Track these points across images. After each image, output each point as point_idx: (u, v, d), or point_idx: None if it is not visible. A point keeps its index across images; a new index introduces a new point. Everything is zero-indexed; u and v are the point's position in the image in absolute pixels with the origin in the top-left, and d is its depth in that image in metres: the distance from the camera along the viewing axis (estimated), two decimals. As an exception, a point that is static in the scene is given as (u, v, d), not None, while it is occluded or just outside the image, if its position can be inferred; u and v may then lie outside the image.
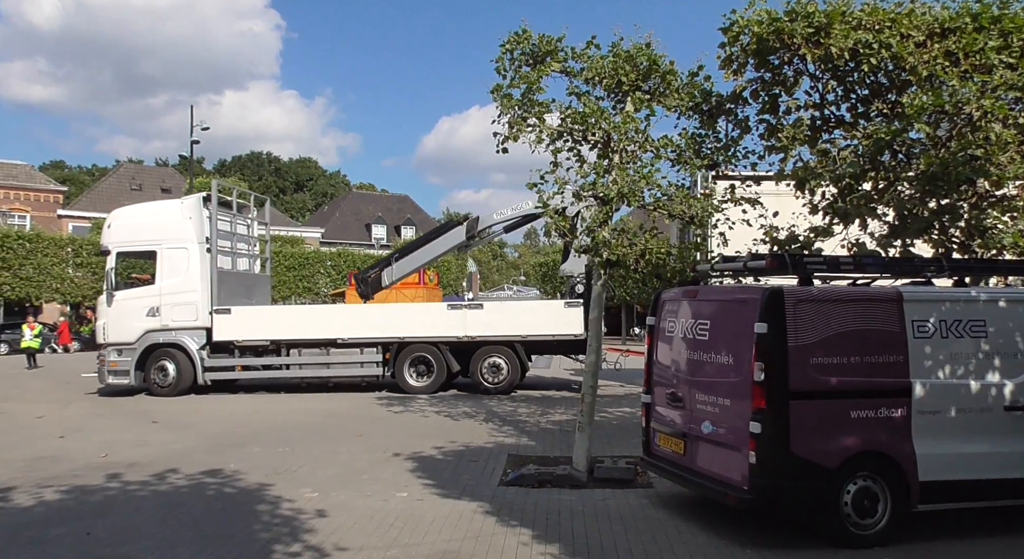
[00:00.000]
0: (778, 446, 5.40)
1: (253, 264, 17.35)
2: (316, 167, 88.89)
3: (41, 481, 7.67)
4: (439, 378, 14.78)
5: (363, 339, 14.83)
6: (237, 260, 16.30)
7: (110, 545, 5.66)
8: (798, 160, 7.64)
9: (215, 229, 14.89)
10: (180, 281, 14.79)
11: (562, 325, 14.51)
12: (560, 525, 6.16)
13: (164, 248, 14.89)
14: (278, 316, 15.57)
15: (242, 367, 15.09)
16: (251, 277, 16.91)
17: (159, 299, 14.80)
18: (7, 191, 38.73)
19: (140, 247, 15.09)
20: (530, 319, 14.83)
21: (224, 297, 14.99)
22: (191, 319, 14.75)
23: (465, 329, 14.71)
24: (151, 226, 15.19)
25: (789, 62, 7.26)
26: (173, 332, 14.78)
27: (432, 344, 14.77)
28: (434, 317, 14.91)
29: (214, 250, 14.84)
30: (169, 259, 14.87)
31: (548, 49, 8.00)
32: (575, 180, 7.86)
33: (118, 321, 14.78)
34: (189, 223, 14.99)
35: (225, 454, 9.02)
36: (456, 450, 9.21)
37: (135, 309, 14.76)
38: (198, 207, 15.14)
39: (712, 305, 6.36)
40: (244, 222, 17.02)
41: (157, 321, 14.75)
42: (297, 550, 5.52)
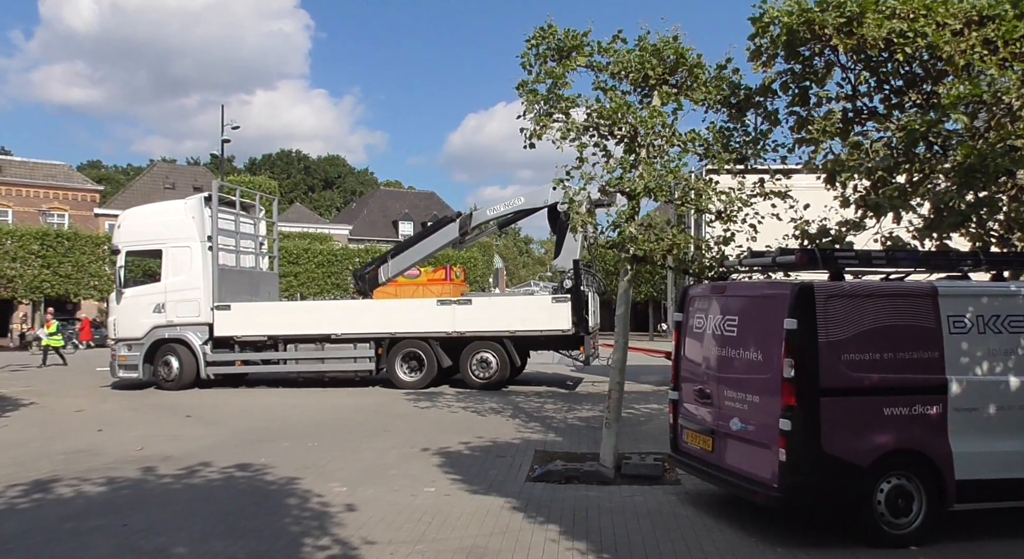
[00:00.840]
0: (809, 444, 5.32)
1: (260, 261, 17.68)
2: (344, 165, 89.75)
3: (80, 473, 7.88)
4: (429, 373, 14.89)
5: (356, 334, 15.05)
6: (241, 257, 16.65)
7: (146, 537, 5.79)
8: (829, 153, 7.49)
9: (216, 228, 15.27)
10: (184, 279, 15.28)
11: (550, 320, 14.36)
12: (588, 521, 6.14)
13: (169, 247, 15.42)
14: (275, 312, 15.86)
15: (242, 362, 15.47)
16: (256, 274, 17.22)
17: (164, 296, 15.33)
18: (47, 191, 39.75)
19: (147, 246, 15.63)
20: (518, 314, 14.73)
21: (227, 294, 15.37)
22: (194, 315, 15.22)
23: (454, 325, 14.75)
24: (157, 226, 15.73)
25: (820, 53, 7.11)
26: (178, 328, 15.26)
27: (423, 339, 14.89)
28: (424, 313, 14.97)
29: (215, 248, 15.24)
30: (174, 257, 15.38)
31: (574, 44, 7.95)
32: (601, 175, 7.82)
33: (127, 317, 15.43)
34: (192, 222, 15.43)
35: (255, 448, 9.16)
36: (483, 446, 9.24)
37: (142, 306, 15.33)
38: (200, 207, 15.56)
39: (741, 301, 6.28)
40: (250, 220, 17.36)
41: (163, 317, 15.28)
42: (326, 543, 5.58)
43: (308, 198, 79.25)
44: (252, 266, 17.27)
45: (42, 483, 7.51)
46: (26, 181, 39.28)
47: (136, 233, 15.81)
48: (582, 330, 14.16)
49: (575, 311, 14.12)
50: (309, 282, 33.41)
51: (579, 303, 14.14)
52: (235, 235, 16.42)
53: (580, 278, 14.35)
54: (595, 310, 15.43)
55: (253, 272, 17.13)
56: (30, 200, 38.92)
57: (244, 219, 17.01)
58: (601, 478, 7.46)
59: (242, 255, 16.71)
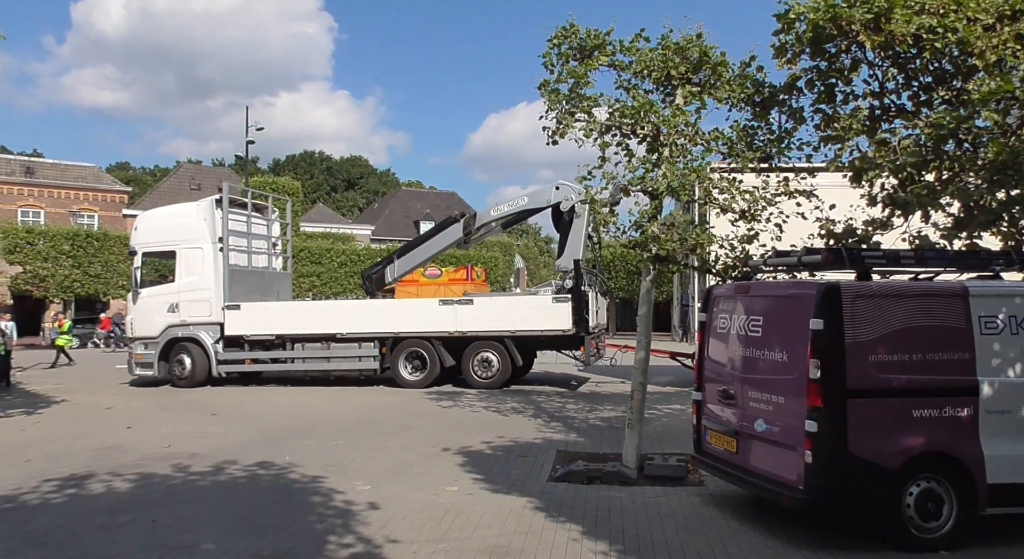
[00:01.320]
0: (835, 446, 5.25)
1: (273, 262, 17.92)
2: (366, 165, 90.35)
3: (110, 469, 8.03)
4: (432, 372, 14.97)
5: (360, 334, 15.22)
6: (253, 258, 16.90)
7: (174, 533, 5.88)
8: (855, 150, 7.38)
9: (226, 229, 15.57)
10: (196, 279, 15.64)
11: (550, 320, 14.36)
12: (610, 522, 6.13)
13: (182, 248, 15.80)
14: (283, 312, 16.08)
15: (251, 360, 15.78)
16: (269, 274, 17.46)
17: (178, 296, 15.71)
18: (77, 192, 40.53)
19: (162, 247, 16.01)
20: (519, 314, 14.74)
21: (237, 294, 15.65)
22: (206, 315, 15.57)
23: (456, 324, 14.82)
24: (171, 228, 16.15)
25: (847, 50, 7.01)
26: (191, 327, 15.62)
27: (425, 339, 15.00)
28: (427, 313, 15.07)
29: (226, 249, 15.55)
30: (186, 258, 15.76)
31: (596, 43, 7.93)
32: (623, 174, 7.79)
33: (143, 317, 15.93)
34: (204, 224, 15.79)
35: (280, 446, 9.26)
36: (504, 445, 9.26)
37: (157, 305, 15.77)
38: (211, 209, 15.89)
39: (765, 301, 6.22)
40: (263, 221, 17.63)
41: (176, 317, 15.68)
42: (350, 542, 5.63)
43: (331, 198, 79.92)
44: (265, 266, 17.53)
45: (74, 478, 7.67)
46: (57, 183, 40.10)
47: (152, 235, 16.24)
48: (582, 330, 14.16)
49: (575, 311, 14.14)
50: (332, 282, 33.69)
51: (579, 303, 14.17)
52: (247, 236, 16.71)
53: (581, 278, 14.39)
54: (597, 310, 15.42)
55: (265, 272, 17.40)
56: (61, 201, 39.73)
57: (257, 220, 17.29)
58: (623, 479, 7.44)
59: (254, 255, 17.00)
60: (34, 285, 29.82)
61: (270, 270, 17.65)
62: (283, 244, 18.48)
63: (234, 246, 16.06)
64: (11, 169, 39.04)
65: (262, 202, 17.87)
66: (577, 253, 14.73)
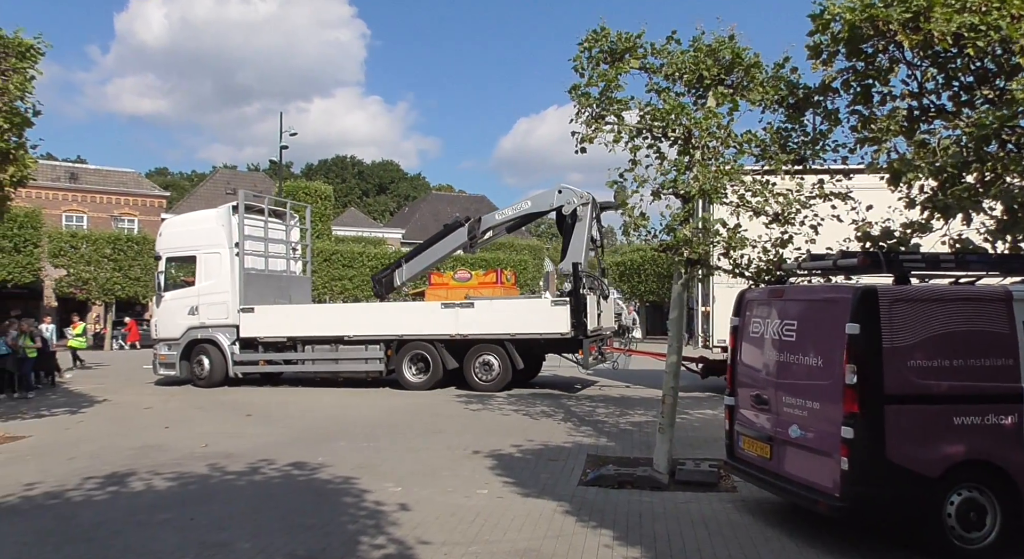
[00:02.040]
0: (873, 452, 5.15)
1: (292, 266, 18.32)
2: (397, 170, 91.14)
3: (150, 468, 8.24)
4: (435, 375, 15.12)
5: (367, 336, 15.50)
6: (271, 262, 17.32)
7: (211, 531, 6.00)
8: (893, 152, 7.23)
9: (242, 234, 16.04)
10: (214, 283, 16.15)
11: (548, 323, 14.40)
12: (642, 527, 6.09)
13: (202, 253, 16.37)
14: (293, 314, 16.36)
15: (265, 361, 16.17)
16: (286, 278, 17.82)
17: (197, 299, 16.26)
18: (117, 197, 41.62)
19: (184, 252, 16.64)
20: (518, 318, 14.80)
21: (253, 297, 16.08)
22: (223, 317, 16.07)
23: (457, 327, 14.95)
24: (192, 233, 16.78)
25: (884, 50, 6.87)
26: (209, 329, 16.15)
27: (429, 341, 15.17)
28: (430, 316, 15.28)
29: (241, 253, 16.01)
30: (206, 263, 16.31)
31: (627, 46, 7.90)
32: (654, 178, 7.74)
33: (166, 319, 16.61)
34: (222, 230, 16.27)
35: (313, 447, 9.39)
36: (534, 449, 9.25)
37: (179, 308, 16.38)
38: (228, 215, 16.39)
39: (799, 305, 6.13)
40: (281, 226, 18.02)
41: (196, 319, 16.23)
42: (381, 543, 5.68)
43: (362, 202, 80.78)
44: (283, 270, 17.90)
45: (115, 476, 7.88)
46: (99, 188, 41.21)
47: (174, 241, 16.90)
48: (580, 333, 14.20)
49: (573, 315, 14.17)
50: (363, 285, 33.99)
51: (578, 307, 14.19)
52: (264, 241, 17.08)
53: (579, 282, 14.40)
54: (600, 314, 15.39)
55: (283, 276, 17.76)
56: (103, 206, 40.83)
57: (275, 225, 17.73)
58: (655, 484, 7.38)
59: (272, 259, 17.44)
60: (77, 288, 30.65)
61: (288, 274, 18.04)
62: (303, 249, 18.90)
63: (251, 251, 16.50)
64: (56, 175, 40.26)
65: (280, 208, 18.30)
66: (578, 256, 14.84)
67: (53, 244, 30.37)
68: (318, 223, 36.59)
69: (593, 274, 15.38)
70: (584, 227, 15.03)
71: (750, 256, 7.69)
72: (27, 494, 7.19)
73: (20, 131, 9.94)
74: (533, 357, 15.70)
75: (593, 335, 14.66)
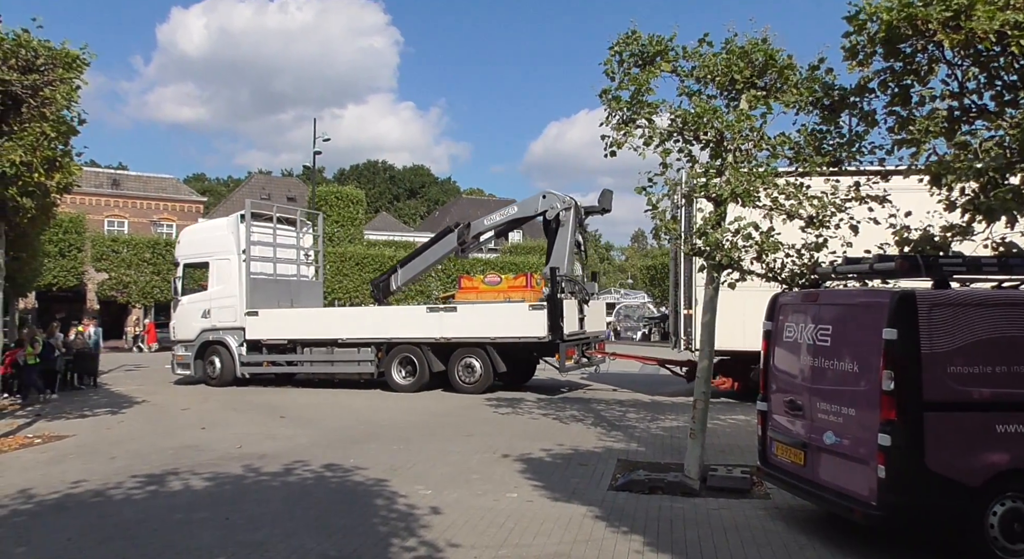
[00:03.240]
0: (911, 460, 5.04)
1: (302, 271, 18.96)
2: (428, 174, 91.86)
3: (188, 468, 8.42)
4: (422, 377, 15.53)
5: (359, 339, 16.04)
6: (279, 267, 17.96)
7: (246, 531, 6.12)
8: (932, 154, 7.06)
9: (249, 241, 16.75)
10: (224, 287, 16.99)
11: (526, 327, 14.62)
12: (673, 533, 6.03)
13: (214, 259, 17.29)
14: (293, 318, 16.89)
15: (269, 362, 16.87)
16: (295, 283, 18.44)
17: (210, 303, 17.15)
18: (157, 202, 42.70)
19: (198, 259, 17.64)
20: (498, 321, 15.06)
21: (259, 301, 16.78)
22: (232, 320, 16.85)
23: (441, 331, 15.36)
24: (206, 241, 17.78)
25: (923, 49, 6.71)
26: (220, 331, 16.97)
27: (415, 345, 15.60)
28: (416, 319, 15.79)
29: (248, 259, 16.74)
30: (217, 268, 17.21)
31: (658, 49, 7.86)
32: (686, 181, 7.68)
33: (182, 321, 17.57)
34: (231, 237, 17.10)
35: (345, 449, 9.50)
36: (564, 453, 9.23)
37: (194, 311, 17.32)
38: (237, 223, 17.20)
39: (835, 309, 6.03)
40: (291, 233, 18.68)
41: (209, 322, 17.09)
42: (412, 545, 5.73)
43: (393, 207, 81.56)
44: (292, 275, 18.51)
45: (155, 475, 8.07)
46: (140, 194, 42.32)
47: (191, 247, 17.96)
48: (557, 337, 14.38)
49: (550, 319, 14.38)
50: (394, 288, 34.35)
51: (555, 311, 14.39)
52: (272, 246, 17.76)
53: (556, 287, 14.61)
54: (583, 318, 15.53)
55: (291, 281, 18.36)
56: (143, 211, 41.91)
57: (284, 232, 18.40)
58: (686, 489, 7.32)
59: (281, 265, 18.07)
60: (118, 291, 31.51)
61: (297, 279, 18.67)
62: (315, 254, 19.58)
63: (259, 256, 17.25)
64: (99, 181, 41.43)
65: (290, 216, 19.01)
66: (560, 261, 15.12)
67: (96, 248, 31.29)
68: (350, 227, 37.13)
69: (574, 278, 15.58)
70: (567, 232, 15.38)
71: (783, 260, 7.58)
72: (72, 492, 7.41)
73: (66, 139, 10.27)
74: (523, 361, 15.99)
75: (571, 339, 14.82)
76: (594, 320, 16.39)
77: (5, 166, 9.29)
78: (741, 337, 12.60)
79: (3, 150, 9.34)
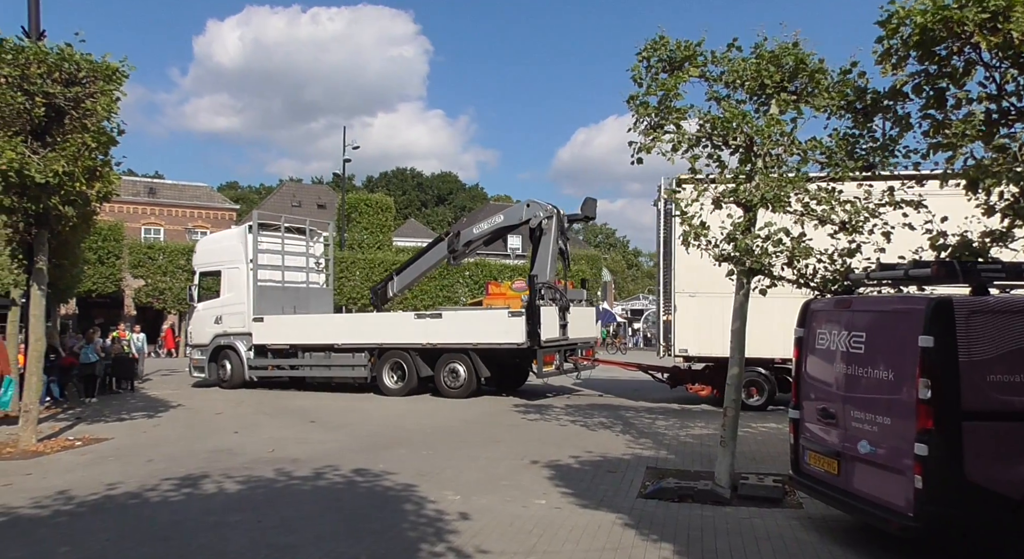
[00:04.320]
0: (950, 471, 4.93)
1: (312, 278, 19.72)
2: (456, 181, 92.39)
3: (222, 471, 8.57)
4: (410, 382, 16.00)
5: (353, 344, 16.64)
6: (288, 275, 18.73)
7: (278, 534, 6.20)
8: (969, 158, 6.92)
9: (256, 251, 17.64)
10: (234, 295, 17.85)
11: (505, 334, 14.95)
12: (703, 542, 5.97)
13: (225, 268, 18.15)
14: (295, 324, 17.55)
15: (273, 366, 17.63)
16: (304, 290, 19.21)
17: (221, 309, 18.01)
18: (191, 210, 43.67)
19: (212, 267, 18.52)
20: (479, 328, 15.48)
21: (266, 308, 17.59)
22: (241, 326, 17.70)
23: (428, 337, 15.85)
24: (219, 251, 18.67)
25: (959, 52, 6.58)
26: (230, 336, 17.86)
27: (405, 350, 16.13)
28: (405, 326, 16.43)
29: (255, 268, 17.59)
30: (228, 277, 18.07)
31: (686, 54, 7.83)
32: (714, 187, 7.62)
33: (198, 327, 18.52)
34: (241, 247, 17.88)
35: (375, 454, 9.58)
36: (593, 460, 9.20)
37: (208, 317, 18.24)
38: (245, 233, 18.06)
39: (868, 316, 5.93)
40: (300, 243, 19.41)
41: (220, 327, 17.98)
42: (441, 550, 5.75)
43: (421, 214, 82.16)
44: (301, 282, 19.20)
45: (189, 478, 8.23)
46: (175, 202, 43.31)
47: (205, 257, 18.93)
48: (535, 344, 14.67)
49: (528, 325, 14.64)
50: (422, 295, 34.54)
51: (533, 318, 14.64)
52: (280, 255, 18.47)
53: (535, 294, 14.86)
54: (564, 325, 15.71)
55: (300, 288, 19.09)
56: (178, 219, 42.87)
57: (293, 241, 19.14)
58: (716, 498, 7.24)
59: (290, 272, 18.80)
60: (154, 297, 32.19)
61: (307, 286, 19.37)
62: (325, 263, 20.28)
63: (267, 265, 18.04)
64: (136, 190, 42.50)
65: (300, 226, 19.77)
66: (543, 269, 15.47)
67: (133, 256, 32.02)
68: (379, 234, 37.48)
69: (554, 286, 15.81)
70: (549, 240, 15.74)
71: (815, 266, 7.48)
72: (110, 493, 7.60)
73: (106, 150, 10.55)
74: (512, 366, 16.27)
75: (549, 345, 15.05)
76: (581, 326, 16.75)
77: (49, 176, 9.59)
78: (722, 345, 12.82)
79: (47, 161, 9.64)
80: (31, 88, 9.56)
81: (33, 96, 9.59)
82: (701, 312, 13.97)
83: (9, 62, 9.51)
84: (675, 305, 14.46)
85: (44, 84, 9.64)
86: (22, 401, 11.12)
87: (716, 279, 13.91)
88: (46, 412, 13.53)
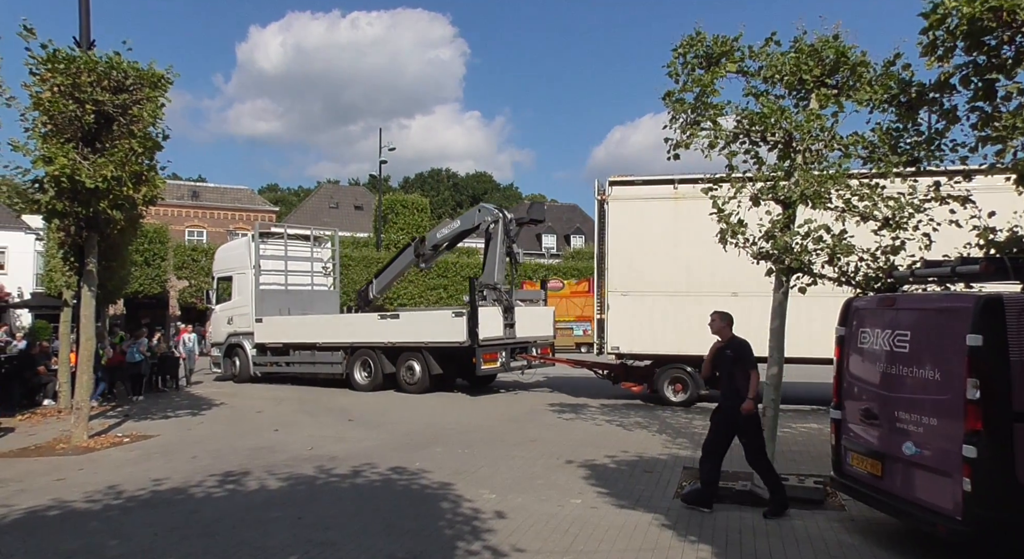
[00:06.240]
0: (1000, 474, 4.77)
1: (318, 281, 20.90)
2: (491, 181, 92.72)
3: (263, 468, 8.76)
4: (376, 378, 17.04)
5: (331, 343, 17.82)
6: (291, 279, 19.98)
7: (317, 530, 6.32)
8: (1020, 151, 6.69)
9: (258, 257, 19.07)
10: (242, 298, 19.42)
11: (450, 333, 15.69)
12: (742, 544, 5.89)
13: (236, 273, 19.75)
14: (287, 324, 18.71)
15: (272, 363, 18.94)
16: (307, 293, 20.36)
17: (232, 311, 19.66)
18: (233, 212, 44.67)
19: (226, 273, 20.20)
20: (428, 327, 16.41)
21: (268, 310, 18.93)
22: (247, 326, 19.15)
23: (388, 336, 16.87)
24: (231, 258, 20.25)
25: (1009, 42, 6.36)
26: (240, 336, 19.40)
27: (371, 348, 17.15)
28: (371, 325, 17.37)
29: (257, 273, 19.04)
30: (238, 281, 19.66)
31: (723, 50, 7.73)
32: (753, 183, 7.51)
33: (215, 327, 20.48)
34: (247, 253, 19.33)
35: (411, 453, 9.68)
36: (629, 460, 9.14)
37: (223, 318, 20.00)
38: (250, 241, 19.53)
39: (913, 314, 5.77)
40: (305, 247, 20.72)
41: (232, 328, 19.64)
42: (477, 548, 5.78)
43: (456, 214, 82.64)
44: (306, 285, 20.40)
45: (232, 475, 8.43)
46: (217, 204, 44.34)
47: (221, 263, 20.71)
48: (474, 342, 15.30)
49: (469, 325, 15.31)
50: (457, 294, 34.78)
51: (473, 318, 15.30)
52: (283, 260, 19.74)
53: (475, 295, 15.55)
54: (510, 325, 16.18)
55: (303, 291, 20.27)
56: (220, 221, 43.88)
57: (298, 247, 20.47)
58: (755, 499, 7.13)
59: (294, 276, 20.06)
60: (198, 298, 32.99)
61: (310, 289, 20.50)
62: (332, 267, 21.40)
63: (270, 270, 19.37)
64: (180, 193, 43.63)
65: (305, 233, 21.23)
66: (491, 271, 16.16)
67: (177, 257, 32.91)
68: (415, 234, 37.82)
69: (497, 287, 16.29)
70: (495, 244, 16.52)
71: (856, 263, 7.31)
72: (156, 489, 7.83)
73: (152, 154, 10.87)
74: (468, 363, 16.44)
75: (489, 344, 15.64)
76: (533, 325, 17.11)
77: (98, 181, 9.92)
78: (651, 342, 13.98)
79: (96, 166, 9.97)
80: (81, 96, 9.90)
81: (84, 104, 9.93)
82: (633, 311, 14.30)
83: (62, 71, 9.86)
84: (607, 304, 14.48)
85: (94, 92, 9.98)
86: (74, 399, 11.51)
87: (647, 279, 14.10)
88: (96, 410, 13.99)
